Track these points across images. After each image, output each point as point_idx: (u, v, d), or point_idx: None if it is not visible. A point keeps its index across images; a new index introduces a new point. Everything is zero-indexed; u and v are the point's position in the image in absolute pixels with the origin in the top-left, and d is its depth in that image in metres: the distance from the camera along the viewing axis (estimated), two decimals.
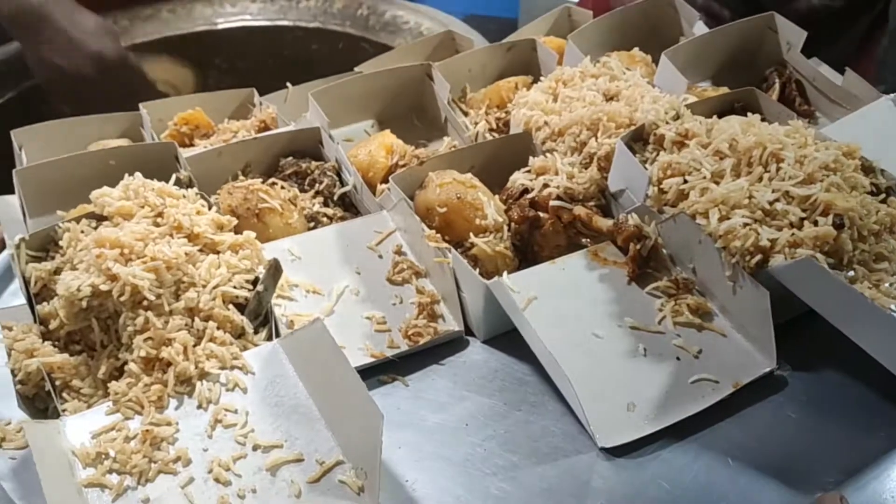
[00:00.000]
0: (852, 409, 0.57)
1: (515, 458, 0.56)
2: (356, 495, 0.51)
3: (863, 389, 0.58)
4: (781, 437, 0.56)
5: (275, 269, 0.63)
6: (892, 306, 0.56)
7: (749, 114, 0.71)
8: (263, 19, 1.61)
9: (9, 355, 0.58)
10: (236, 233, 0.72)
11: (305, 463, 0.53)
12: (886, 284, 0.57)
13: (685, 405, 0.57)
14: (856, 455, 0.54)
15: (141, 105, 0.94)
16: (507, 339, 0.66)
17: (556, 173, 0.73)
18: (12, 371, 0.57)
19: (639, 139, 0.72)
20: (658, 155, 0.69)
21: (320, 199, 0.81)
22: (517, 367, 0.64)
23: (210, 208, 0.69)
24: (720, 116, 0.73)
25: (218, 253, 0.65)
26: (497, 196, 0.75)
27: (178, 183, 0.71)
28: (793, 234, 0.57)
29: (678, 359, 0.60)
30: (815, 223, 0.57)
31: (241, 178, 0.81)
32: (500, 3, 2.61)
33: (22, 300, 0.69)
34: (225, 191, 0.76)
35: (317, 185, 0.82)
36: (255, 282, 0.63)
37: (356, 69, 1.08)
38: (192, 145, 0.95)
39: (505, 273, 0.66)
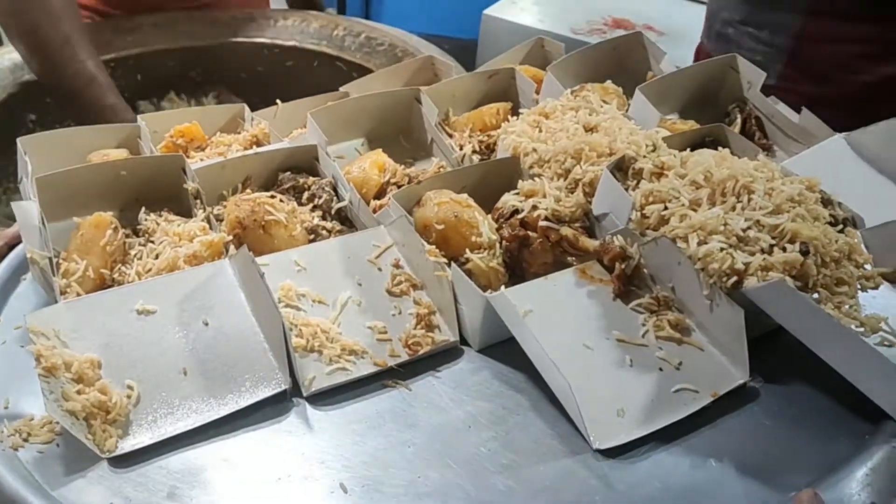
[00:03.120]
0: (819, 417, 0.62)
1: (517, 458, 0.59)
2: None
3: (827, 400, 0.63)
4: (757, 442, 0.60)
5: None
6: (853, 326, 0.62)
7: (719, 148, 0.77)
8: (241, 36, 1.62)
9: (37, 361, 0.58)
10: (242, 244, 0.74)
11: None
12: (847, 306, 0.62)
13: (670, 412, 0.61)
14: (823, 458, 0.58)
15: (139, 117, 0.95)
16: (500, 348, 0.69)
17: (544, 196, 0.77)
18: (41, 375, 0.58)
19: (620, 168, 0.77)
20: (638, 183, 0.74)
21: (318, 212, 0.83)
22: (511, 374, 0.67)
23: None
24: (692, 149, 0.79)
25: None
26: (489, 216, 0.78)
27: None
28: (764, 258, 0.62)
29: (661, 370, 0.64)
30: (784, 249, 0.63)
31: (248, 191, 0.83)
32: (454, 25, 2.66)
33: (31, 303, 0.70)
34: (232, 203, 0.77)
35: (316, 199, 0.84)
36: None
37: (341, 89, 1.10)
38: (186, 157, 0.95)
39: (502, 287, 0.70)
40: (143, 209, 0.77)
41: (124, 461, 0.57)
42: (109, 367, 0.61)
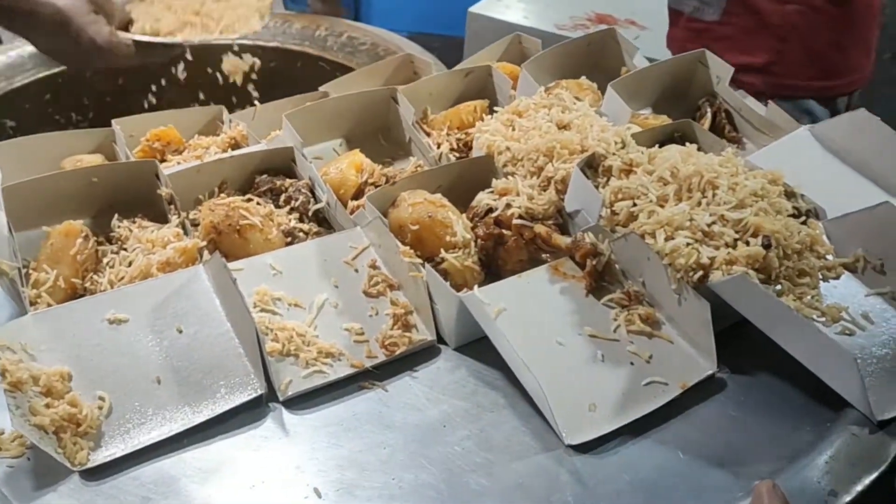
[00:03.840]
0: (783, 406, 0.62)
1: (491, 456, 0.59)
2: None
3: (791, 389, 0.63)
4: (723, 432, 0.60)
5: None
6: (815, 316, 0.63)
7: (687, 143, 0.77)
8: (224, 37, 1.60)
9: (2, 376, 0.57)
10: (217, 249, 0.73)
11: None
12: (809, 297, 0.63)
13: (640, 405, 0.61)
14: (787, 447, 0.59)
15: (114, 121, 0.93)
16: (477, 346, 0.69)
17: (518, 194, 0.77)
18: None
19: (591, 166, 0.76)
20: (609, 180, 0.73)
21: (296, 214, 0.83)
22: (487, 372, 0.67)
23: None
24: (661, 145, 0.79)
25: None
26: (464, 214, 0.78)
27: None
28: (728, 252, 0.62)
29: (632, 363, 0.64)
30: (747, 243, 0.63)
31: (222, 195, 0.82)
32: (444, 23, 2.65)
33: (4, 315, 0.69)
34: (206, 207, 0.76)
35: (293, 201, 0.83)
36: None
37: (321, 88, 1.09)
38: (164, 160, 0.94)
39: (476, 287, 0.69)
40: (116, 216, 0.76)
41: (96, 474, 0.56)
42: (80, 378, 0.60)
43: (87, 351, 0.62)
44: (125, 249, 0.72)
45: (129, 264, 0.69)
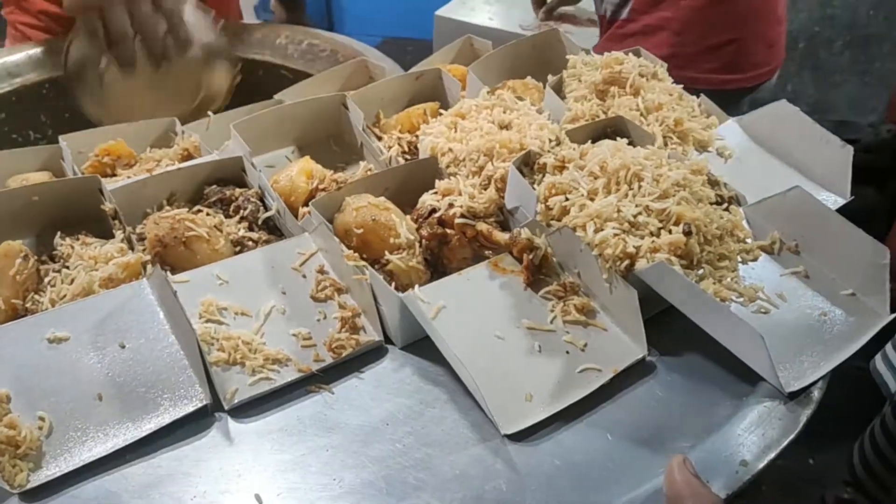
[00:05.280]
0: (705, 384, 0.64)
1: (430, 450, 0.60)
2: None
3: (713, 368, 0.65)
4: (650, 413, 0.62)
5: None
6: (733, 297, 0.64)
7: (618, 138, 0.78)
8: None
9: None
10: (164, 262, 0.73)
11: None
12: (728, 279, 0.65)
13: (574, 391, 0.62)
14: (707, 421, 0.61)
15: (61, 138, 0.92)
16: (422, 345, 0.69)
17: (460, 194, 0.78)
18: None
19: (527, 163, 0.78)
20: (543, 177, 0.75)
21: (245, 224, 0.83)
22: (431, 369, 0.68)
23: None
24: (595, 140, 0.80)
25: None
26: (408, 216, 0.79)
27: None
28: (653, 241, 0.64)
29: (567, 352, 0.66)
30: (670, 231, 0.65)
31: (167, 207, 0.82)
32: (415, 27, 2.66)
33: None
34: (151, 221, 0.76)
35: (242, 210, 0.83)
36: None
37: (276, 96, 1.09)
38: (114, 175, 0.94)
39: (416, 286, 0.70)
40: (59, 234, 0.75)
41: (35, 495, 0.55)
42: (20, 399, 0.59)
43: (27, 371, 0.61)
44: (67, 267, 0.71)
45: (71, 282, 0.68)
